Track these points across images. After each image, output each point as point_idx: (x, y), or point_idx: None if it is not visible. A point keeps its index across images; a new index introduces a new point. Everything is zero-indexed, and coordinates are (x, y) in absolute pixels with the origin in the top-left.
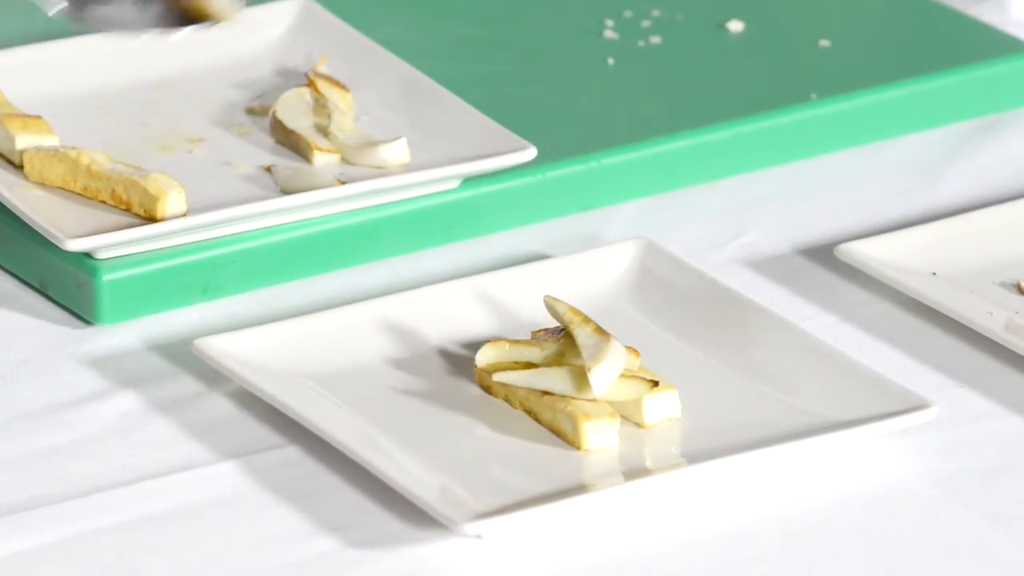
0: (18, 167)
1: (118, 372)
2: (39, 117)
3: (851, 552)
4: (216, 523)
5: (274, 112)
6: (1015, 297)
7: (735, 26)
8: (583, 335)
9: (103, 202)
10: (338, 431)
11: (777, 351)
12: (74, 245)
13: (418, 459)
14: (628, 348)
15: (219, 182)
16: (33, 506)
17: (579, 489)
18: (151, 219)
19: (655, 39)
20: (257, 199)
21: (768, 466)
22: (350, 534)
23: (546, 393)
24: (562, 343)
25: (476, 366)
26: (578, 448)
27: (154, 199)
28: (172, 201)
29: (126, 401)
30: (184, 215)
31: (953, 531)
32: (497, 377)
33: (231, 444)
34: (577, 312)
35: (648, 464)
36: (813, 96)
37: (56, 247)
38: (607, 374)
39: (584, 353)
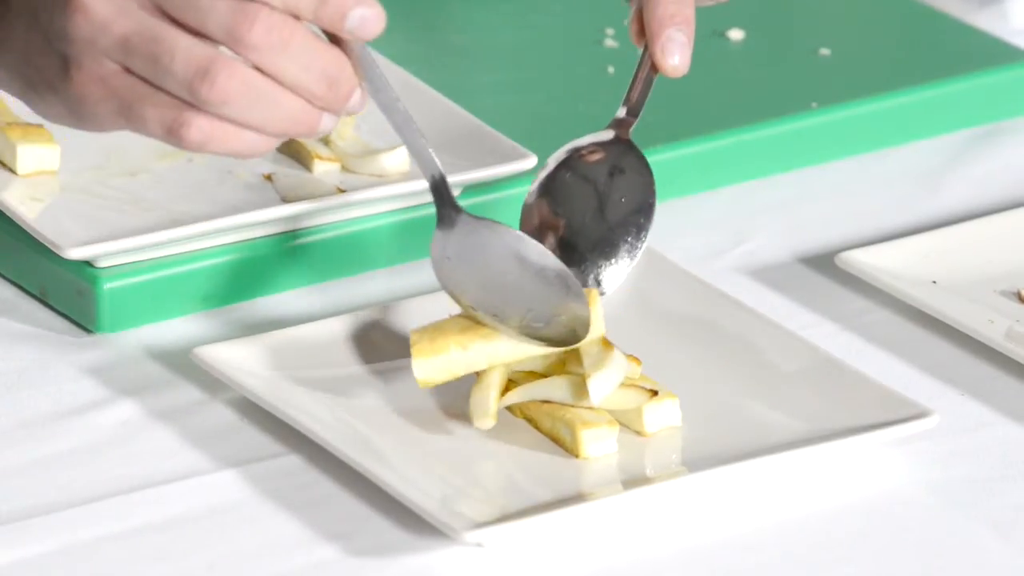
0: (18, 175)
1: (118, 380)
2: (40, 125)
3: (851, 560)
4: (216, 531)
5: None
6: (1015, 305)
7: (735, 34)
8: (586, 343)
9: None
10: (338, 439)
11: (777, 359)
12: (74, 253)
13: (418, 467)
14: (629, 356)
15: (219, 190)
16: (34, 514)
17: (579, 497)
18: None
19: None
20: (257, 207)
21: (768, 474)
22: (350, 542)
23: (546, 401)
24: (565, 352)
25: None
26: (577, 456)
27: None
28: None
29: (126, 409)
30: None
31: (953, 539)
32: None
33: (231, 452)
34: None
35: (648, 472)
36: (813, 104)
37: (56, 255)
38: (606, 382)
39: (586, 361)
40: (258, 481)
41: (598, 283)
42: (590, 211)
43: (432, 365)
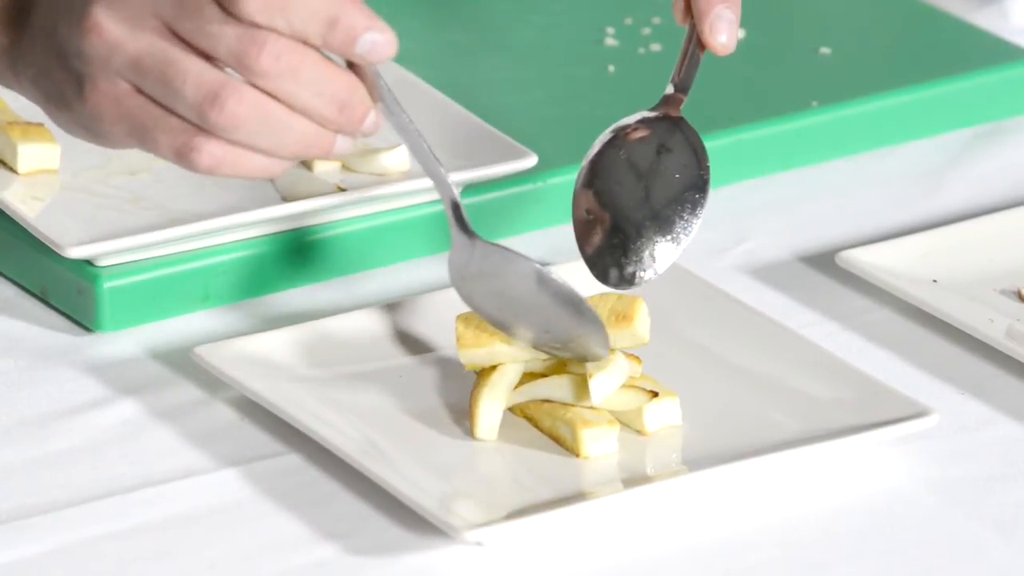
0: (18, 174)
1: (119, 379)
2: (41, 124)
3: (852, 559)
4: (217, 530)
5: None
6: (1015, 304)
7: None
8: None
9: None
10: (338, 438)
11: (778, 358)
12: (75, 252)
13: (418, 466)
14: (629, 356)
15: (220, 189)
16: (34, 513)
17: (579, 496)
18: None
19: (656, 46)
20: (258, 206)
21: (769, 473)
22: (351, 541)
23: (547, 400)
24: None
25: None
26: (577, 455)
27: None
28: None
29: (127, 408)
30: None
31: (954, 538)
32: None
33: (232, 451)
34: None
35: (648, 471)
36: (814, 103)
37: (57, 254)
38: (608, 383)
39: (588, 362)
40: (258, 480)
41: (653, 259)
42: (643, 189)
43: (477, 354)
